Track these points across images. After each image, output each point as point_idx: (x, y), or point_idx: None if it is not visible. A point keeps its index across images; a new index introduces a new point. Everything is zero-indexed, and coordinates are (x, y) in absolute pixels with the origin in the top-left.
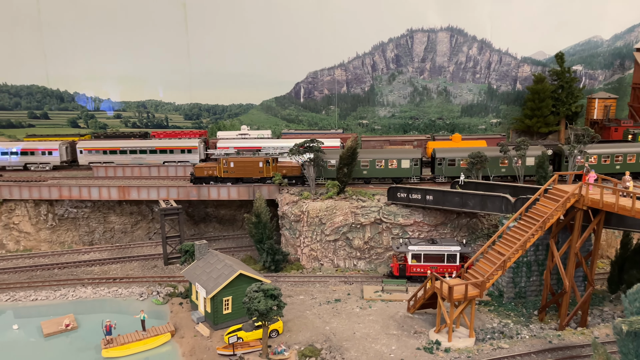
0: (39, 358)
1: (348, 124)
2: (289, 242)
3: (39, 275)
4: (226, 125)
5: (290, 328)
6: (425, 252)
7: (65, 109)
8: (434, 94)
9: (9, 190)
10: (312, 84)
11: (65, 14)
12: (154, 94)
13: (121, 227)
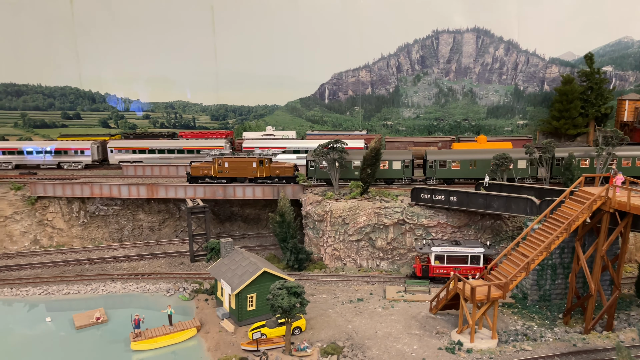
0: (71, 350)
1: (372, 125)
2: (312, 241)
3: (71, 270)
4: (251, 126)
5: (313, 326)
6: (449, 253)
7: (97, 109)
8: (459, 95)
9: (43, 188)
10: (337, 85)
11: (97, 18)
12: (182, 95)
13: (149, 224)
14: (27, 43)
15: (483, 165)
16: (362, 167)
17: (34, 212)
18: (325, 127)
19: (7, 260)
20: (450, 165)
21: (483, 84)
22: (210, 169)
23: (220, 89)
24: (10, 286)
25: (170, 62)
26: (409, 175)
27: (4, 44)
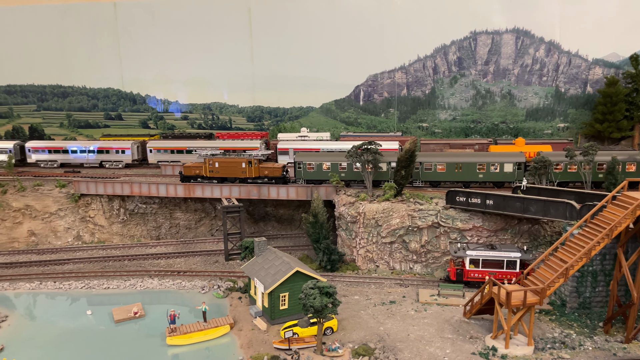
0: (110, 342)
1: (407, 127)
2: (345, 242)
3: (111, 265)
4: (286, 127)
5: (345, 327)
6: (484, 257)
7: (137, 110)
8: (497, 97)
9: (86, 186)
10: (372, 87)
11: (139, 21)
12: (219, 96)
13: (186, 223)
14: (73, 47)
15: (468, 169)
16: (396, 168)
17: (77, 209)
18: (359, 129)
19: (52, 255)
20: (436, 167)
21: (522, 86)
22: (202, 169)
23: (256, 91)
24: (54, 280)
25: (208, 64)
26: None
27: (51, 48)
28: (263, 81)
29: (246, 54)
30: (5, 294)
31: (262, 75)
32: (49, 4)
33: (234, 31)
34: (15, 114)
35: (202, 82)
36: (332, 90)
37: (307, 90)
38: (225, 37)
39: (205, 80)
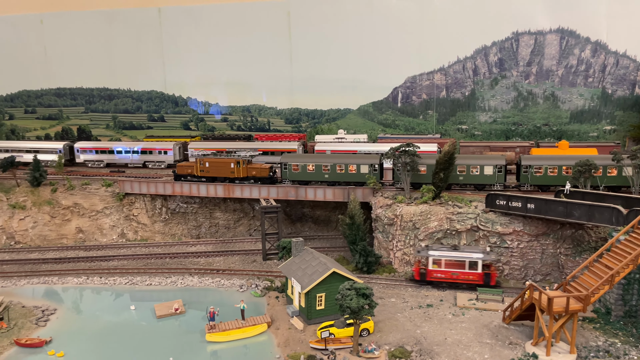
0: (152, 337)
1: (446, 129)
2: (382, 244)
3: (153, 263)
4: (323, 129)
5: (381, 328)
6: (447, 257)
7: (179, 112)
8: (539, 99)
9: (130, 185)
10: (410, 89)
11: (182, 26)
12: (258, 98)
13: (225, 222)
14: (119, 51)
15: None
16: (434, 171)
17: (121, 208)
18: (397, 131)
19: (97, 251)
20: (420, 169)
21: (566, 87)
22: (194, 168)
23: (294, 93)
24: (99, 275)
25: (248, 67)
26: (378, 179)
27: (99, 52)
28: (301, 83)
29: (285, 57)
30: (54, 288)
31: (300, 77)
32: (97, 10)
33: (273, 34)
34: (64, 115)
35: (242, 85)
36: (370, 92)
37: (345, 92)
38: (265, 40)
39: (244, 82)
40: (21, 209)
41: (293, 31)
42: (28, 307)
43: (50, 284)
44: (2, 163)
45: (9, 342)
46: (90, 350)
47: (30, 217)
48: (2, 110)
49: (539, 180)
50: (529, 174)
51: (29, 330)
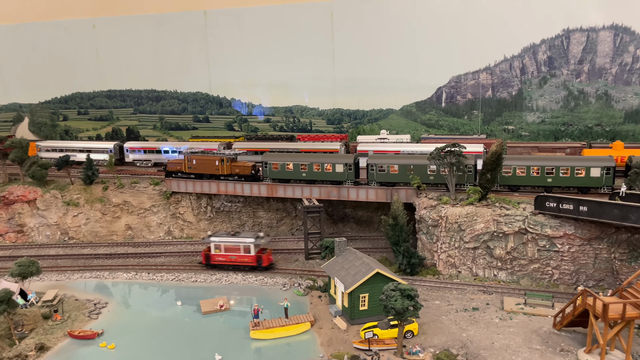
0: (198, 332)
1: (492, 130)
2: (426, 246)
3: (198, 260)
4: (365, 129)
5: (426, 331)
6: (225, 243)
7: (223, 113)
8: (591, 99)
9: (177, 184)
10: (455, 89)
11: (227, 28)
12: (300, 99)
13: (268, 222)
14: (166, 53)
15: (419, 171)
16: (481, 172)
17: (168, 206)
18: (441, 131)
19: (146, 248)
20: (389, 168)
21: (620, 86)
22: (182, 165)
23: (337, 94)
24: (147, 271)
25: (291, 68)
26: (352, 178)
27: (147, 55)
28: (343, 84)
29: (327, 58)
30: (105, 282)
31: (342, 78)
32: (146, 15)
33: (316, 35)
34: (114, 116)
35: (285, 86)
36: (413, 92)
37: (388, 92)
38: (308, 41)
39: (287, 83)
40: (75, 206)
41: (336, 32)
42: (81, 300)
43: (101, 278)
44: (57, 162)
45: (63, 333)
46: (140, 344)
47: (83, 213)
48: (57, 112)
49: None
50: None
51: (82, 322)
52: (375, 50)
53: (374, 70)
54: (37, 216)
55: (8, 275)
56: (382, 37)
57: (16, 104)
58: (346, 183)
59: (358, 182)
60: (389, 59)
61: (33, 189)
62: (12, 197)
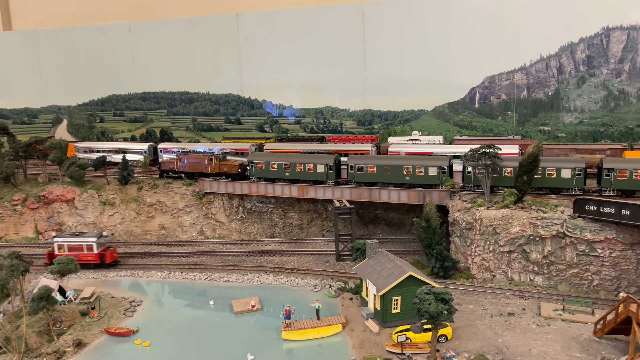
0: (230, 332)
1: (527, 131)
2: (459, 249)
3: (230, 260)
4: (397, 131)
5: (459, 335)
6: (68, 242)
7: (254, 115)
8: (632, 99)
9: (209, 185)
10: (489, 89)
11: (259, 30)
12: (331, 101)
13: (298, 223)
14: (199, 56)
15: (396, 171)
16: (517, 173)
17: (201, 206)
18: (474, 132)
19: (179, 247)
20: (367, 168)
21: None
22: (175, 164)
23: (367, 95)
24: (181, 270)
25: (321, 69)
26: (333, 178)
27: (181, 57)
28: (374, 85)
29: (358, 59)
30: (139, 280)
31: (373, 79)
32: (179, 18)
33: (347, 36)
34: (149, 118)
35: (315, 87)
36: (446, 92)
37: (419, 93)
38: (339, 42)
39: (318, 85)
40: (111, 206)
41: (367, 32)
42: (117, 298)
43: (136, 277)
44: (95, 162)
45: (99, 330)
46: (174, 342)
47: (118, 213)
48: (94, 114)
49: (623, 184)
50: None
51: (118, 319)
52: (407, 51)
53: (405, 70)
54: (75, 215)
55: (48, 272)
56: (414, 37)
57: (55, 106)
58: (327, 182)
59: (338, 182)
60: (421, 59)
61: (71, 189)
62: (52, 197)
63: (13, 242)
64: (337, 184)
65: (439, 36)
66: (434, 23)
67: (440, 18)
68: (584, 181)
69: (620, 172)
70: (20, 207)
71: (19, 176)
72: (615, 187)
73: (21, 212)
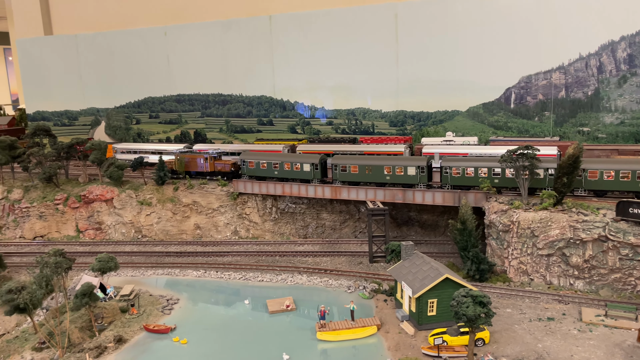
0: (265, 331)
1: (565, 132)
2: (495, 252)
3: (264, 260)
4: (430, 132)
5: (497, 339)
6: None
7: (287, 116)
8: None
9: (243, 185)
10: (525, 89)
11: (291, 32)
12: (363, 102)
13: (331, 224)
14: (232, 58)
15: (376, 171)
16: (556, 175)
17: (235, 207)
18: (509, 133)
19: (213, 247)
20: (350, 168)
21: None
22: (174, 164)
23: (400, 96)
24: (216, 270)
25: (353, 70)
26: (319, 177)
27: (214, 60)
28: (407, 85)
29: (391, 59)
30: (176, 279)
31: (406, 79)
32: (213, 21)
33: (379, 37)
34: (183, 120)
35: (347, 88)
36: (480, 93)
37: (453, 93)
38: (371, 43)
39: (350, 86)
40: (148, 206)
41: (400, 33)
42: (155, 295)
43: (172, 275)
44: (132, 163)
45: (138, 327)
46: (210, 340)
47: (155, 213)
48: (131, 116)
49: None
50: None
51: (156, 317)
52: (441, 51)
53: (439, 71)
54: (113, 214)
55: (89, 269)
56: (447, 37)
57: (94, 109)
58: (313, 181)
59: (324, 181)
60: (454, 59)
61: (110, 189)
62: (92, 196)
63: (55, 240)
64: (323, 182)
65: (473, 35)
66: (468, 22)
67: (475, 17)
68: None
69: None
70: (62, 206)
71: (61, 176)
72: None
73: (63, 211)
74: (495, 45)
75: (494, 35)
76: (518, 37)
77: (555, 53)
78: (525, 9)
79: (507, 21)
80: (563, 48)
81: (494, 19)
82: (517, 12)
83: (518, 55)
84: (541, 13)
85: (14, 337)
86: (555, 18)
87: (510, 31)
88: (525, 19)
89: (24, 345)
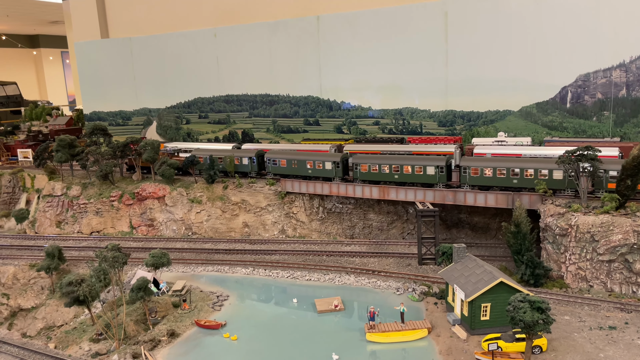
0: (314, 330)
1: (625, 132)
2: (552, 257)
3: (311, 259)
4: (480, 132)
5: (556, 347)
6: None
7: (333, 116)
8: None
9: (291, 185)
10: (582, 88)
11: (339, 32)
12: (411, 101)
13: (378, 224)
14: (280, 59)
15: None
16: (619, 177)
17: (282, 206)
18: (564, 134)
19: (261, 245)
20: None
21: None
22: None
23: (449, 95)
24: (264, 268)
25: (401, 70)
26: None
27: (262, 61)
28: (456, 85)
29: (440, 58)
30: (225, 276)
31: (455, 79)
32: (262, 22)
33: (428, 35)
34: (231, 120)
35: (394, 88)
36: (534, 92)
37: (505, 92)
38: (419, 42)
39: (397, 85)
40: (198, 204)
41: (450, 31)
42: (205, 292)
43: (222, 272)
44: (184, 162)
45: (190, 322)
46: (260, 338)
47: (205, 210)
48: (181, 116)
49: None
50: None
51: (207, 313)
52: (492, 49)
53: (490, 69)
54: (165, 212)
55: (143, 265)
56: (499, 35)
57: (146, 109)
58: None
59: (346, 179)
60: (507, 58)
61: (162, 187)
62: (145, 194)
63: (111, 235)
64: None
65: (527, 33)
66: (522, 19)
67: (529, 14)
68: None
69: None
70: (117, 203)
71: (116, 174)
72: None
73: (117, 208)
74: (550, 42)
75: (550, 31)
76: (575, 34)
77: (616, 50)
78: (584, 4)
79: (563, 17)
80: (624, 45)
81: (550, 15)
82: (574, 8)
83: (575, 53)
84: (599, 9)
85: (72, 329)
86: (615, 13)
87: (567, 28)
88: (583, 14)
89: (82, 336)
